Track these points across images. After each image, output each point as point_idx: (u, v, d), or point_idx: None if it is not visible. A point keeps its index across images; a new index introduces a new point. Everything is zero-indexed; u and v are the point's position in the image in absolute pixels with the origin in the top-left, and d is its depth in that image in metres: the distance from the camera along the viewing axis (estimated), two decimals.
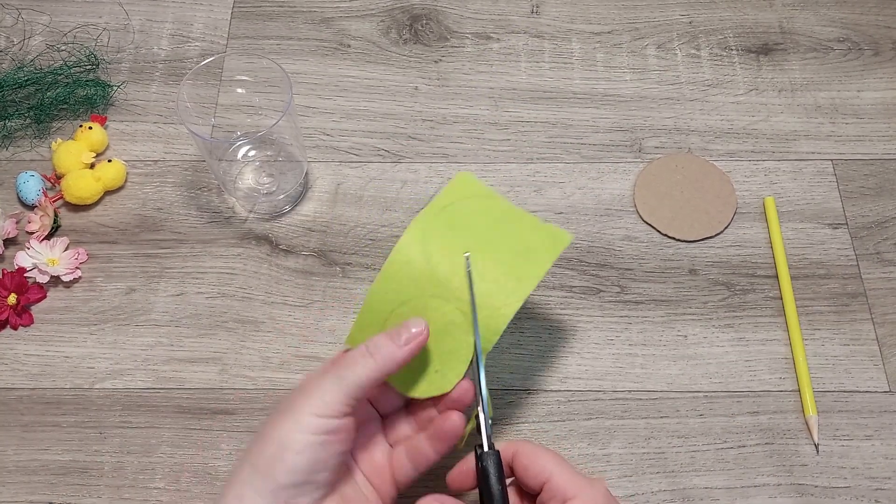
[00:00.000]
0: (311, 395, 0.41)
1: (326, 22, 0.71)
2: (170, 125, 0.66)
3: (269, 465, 0.39)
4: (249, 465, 0.40)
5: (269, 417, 0.42)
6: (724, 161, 0.64)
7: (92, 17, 0.72)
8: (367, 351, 0.42)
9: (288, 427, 0.40)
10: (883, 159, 0.64)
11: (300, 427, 0.40)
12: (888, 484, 0.51)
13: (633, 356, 0.56)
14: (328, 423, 0.41)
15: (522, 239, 0.48)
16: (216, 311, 0.58)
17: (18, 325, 0.58)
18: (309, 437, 0.40)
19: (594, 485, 0.41)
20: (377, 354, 0.42)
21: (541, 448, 0.42)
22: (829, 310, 0.58)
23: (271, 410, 0.43)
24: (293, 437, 0.40)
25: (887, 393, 0.55)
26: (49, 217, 0.60)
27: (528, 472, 0.42)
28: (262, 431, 0.41)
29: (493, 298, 0.45)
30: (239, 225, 0.62)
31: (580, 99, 0.67)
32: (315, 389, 0.41)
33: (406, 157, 0.65)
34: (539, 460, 0.42)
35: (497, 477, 0.42)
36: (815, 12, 0.71)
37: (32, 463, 0.53)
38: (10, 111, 0.66)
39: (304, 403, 0.41)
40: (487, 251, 0.46)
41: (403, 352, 0.42)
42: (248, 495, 0.39)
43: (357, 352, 0.43)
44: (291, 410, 0.41)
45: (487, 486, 0.42)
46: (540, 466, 0.41)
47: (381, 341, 0.43)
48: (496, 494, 0.41)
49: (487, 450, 0.42)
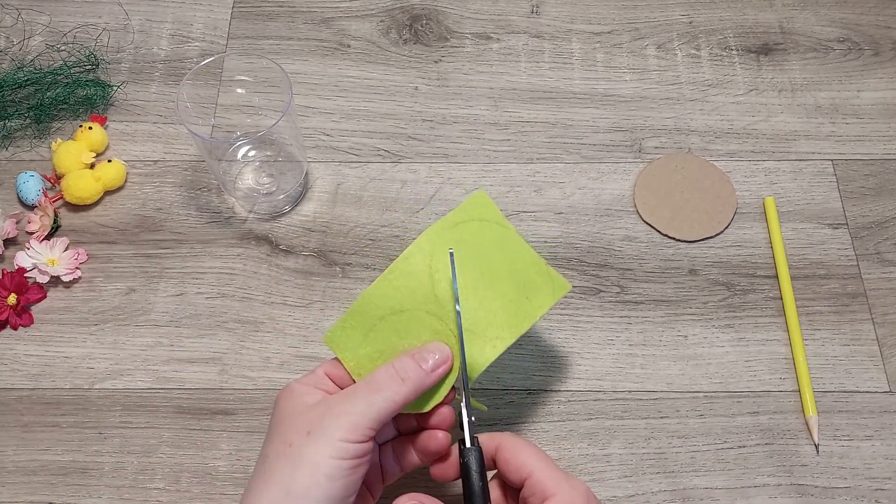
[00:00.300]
0: (341, 419, 0.40)
1: (326, 22, 0.71)
2: (170, 125, 0.66)
3: (306, 491, 0.38)
4: (281, 489, 0.39)
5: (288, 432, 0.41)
6: (724, 161, 0.64)
7: (92, 17, 0.72)
8: (398, 375, 0.42)
9: (320, 452, 0.39)
10: (883, 159, 0.64)
11: (335, 452, 0.39)
12: (888, 484, 0.51)
13: (633, 356, 0.56)
14: (359, 448, 0.40)
15: (527, 277, 0.47)
16: (216, 312, 0.58)
17: (18, 326, 0.58)
18: (343, 463, 0.39)
19: (574, 484, 0.41)
20: (407, 380, 0.42)
21: (523, 442, 0.42)
22: (829, 310, 0.58)
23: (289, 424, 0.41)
24: (328, 463, 0.39)
25: (887, 393, 0.55)
26: (49, 217, 0.60)
27: (509, 467, 0.42)
28: (287, 451, 0.40)
29: (487, 328, 0.45)
30: (239, 225, 0.62)
31: (580, 99, 0.67)
32: (343, 412, 0.40)
33: (406, 158, 0.65)
34: (521, 455, 0.41)
35: (479, 473, 0.42)
36: (815, 12, 0.71)
37: (32, 463, 0.53)
38: (10, 111, 0.66)
39: (334, 426, 0.40)
40: (491, 279, 0.46)
41: (431, 378, 0.43)
42: None
43: (386, 375, 0.42)
44: (321, 432, 0.40)
45: (469, 482, 0.42)
46: (521, 461, 0.41)
47: (410, 366, 0.42)
48: (476, 491, 0.41)
49: (469, 446, 0.42)
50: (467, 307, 0.45)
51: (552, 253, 0.60)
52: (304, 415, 0.41)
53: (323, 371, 0.45)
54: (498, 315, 0.45)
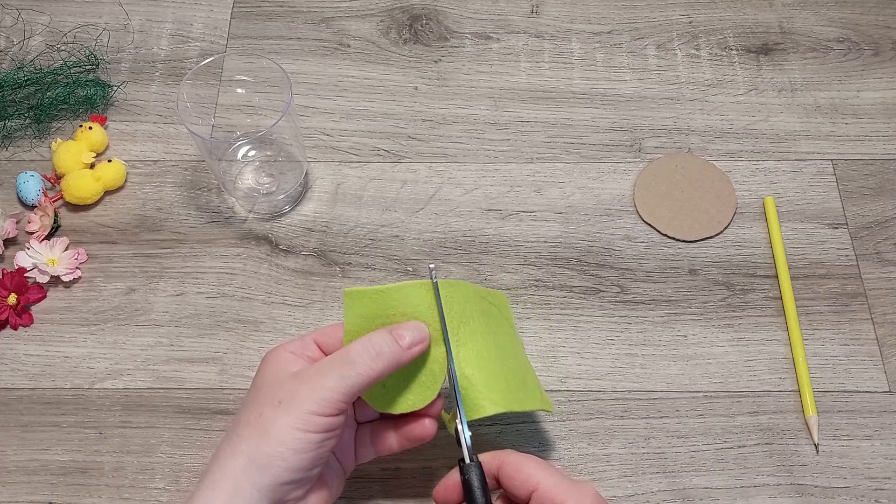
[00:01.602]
0: (312, 391, 0.40)
1: (326, 22, 0.71)
2: (170, 125, 0.66)
3: (269, 461, 0.39)
4: (247, 458, 0.39)
5: (261, 400, 0.41)
6: (724, 161, 0.64)
7: (92, 17, 0.72)
8: (373, 349, 0.41)
9: (289, 423, 0.39)
10: (883, 159, 0.64)
11: (302, 425, 0.39)
12: (888, 484, 0.51)
13: (633, 356, 0.56)
14: (328, 421, 0.40)
15: (526, 375, 0.48)
16: (216, 311, 0.58)
17: (18, 325, 0.58)
18: (310, 437, 0.40)
19: (583, 488, 0.40)
20: (382, 355, 0.41)
21: (525, 456, 0.42)
22: (828, 310, 0.58)
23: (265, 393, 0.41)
24: (295, 436, 0.39)
25: (887, 393, 0.55)
26: (49, 217, 0.60)
27: (514, 482, 0.41)
28: (257, 421, 0.40)
29: (482, 388, 0.44)
30: (239, 225, 0.62)
31: (580, 99, 0.67)
32: (316, 385, 0.40)
33: (406, 157, 0.65)
34: (525, 469, 0.41)
35: (481, 489, 0.41)
36: (815, 12, 0.71)
37: (32, 463, 0.53)
38: (10, 111, 0.66)
39: (304, 398, 0.40)
40: (504, 354, 0.47)
41: (407, 355, 0.42)
42: (246, 488, 0.39)
43: (360, 348, 0.41)
44: (291, 404, 0.40)
45: (472, 498, 0.41)
46: (526, 475, 0.41)
47: (386, 340, 0.42)
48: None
49: (469, 462, 0.42)
50: (475, 362, 0.45)
51: (552, 253, 0.60)
52: (279, 384, 0.41)
53: (311, 338, 0.45)
54: (500, 382, 0.45)
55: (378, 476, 0.52)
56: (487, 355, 0.45)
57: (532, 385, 0.49)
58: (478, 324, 0.46)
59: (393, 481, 0.52)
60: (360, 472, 0.51)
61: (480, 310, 0.47)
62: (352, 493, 0.51)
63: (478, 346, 0.45)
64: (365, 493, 0.51)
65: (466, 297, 0.47)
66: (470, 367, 0.44)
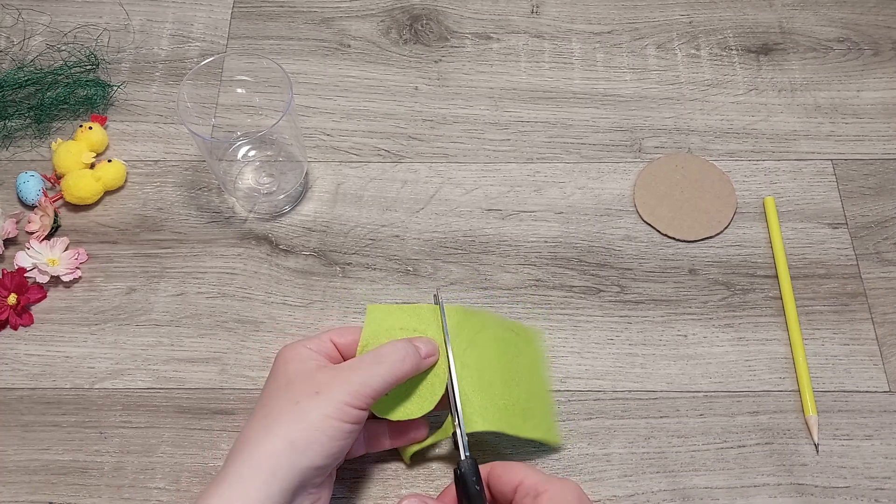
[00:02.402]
0: (347, 383, 0.43)
1: (326, 22, 0.71)
2: (170, 125, 0.66)
3: (308, 445, 0.41)
4: (286, 440, 0.41)
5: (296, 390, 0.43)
6: (724, 161, 0.64)
7: (92, 17, 0.72)
8: (399, 353, 0.45)
9: (326, 412, 0.42)
10: (883, 159, 0.64)
11: (338, 414, 0.42)
12: (888, 484, 0.51)
13: (633, 356, 0.56)
14: (358, 413, 0.43)
15: (531, 405, 0.52)
16: (216, 311, 0.58)
17: (18, 325, 0.58)
18: (344, 426, 0.42)
19: (565, 482, 0.43)
20: (407, 359, 0.45)
21: (512, 462, 0.46)
22: (828, 310, 0.58)
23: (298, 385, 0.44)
24: (331, 424, 0.42)
25: (887, 393, 0.55)
26: (49, 217, 0.60)
27: (501, 480, 0.44)
28: (293, 408, 0.42)
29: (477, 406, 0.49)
30: (239, 225, 0.62)
31: (580, 99, 0.67)
32: (350, 379, 0.43)
33: (406, 157, 0.65)
34: (512, 469, 0.45)
35: (474, 479, 0.45)
36: (815, 12, 0.72)
37: (33, 463, 0.53)
38: (10, 111, 0.66)
39: (340, 390, 0.42)
40: (508, 382, 0.51)
41: (425, 364, 0.47)
42: (284, 468, 0.40)
43: (389, 351, 0.45)
44: (328, 394, 0.42)
45: (466, 489, 0.45)
46: (512, 473, 0.44)
47: (409, 348, 0.46)
48: (473, 493, 0.44)
49: (464, 457, 0.46)
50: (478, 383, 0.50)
51: (552, 253, 0.60)
52: (314, 377, 0.44)
53: (329, 337, 0.47)
54: (497, 405, 0.50)
55: (379, 477, 0.52)
56: (489, 380, 0.50)
57: (538, 415, 0.52)
58: (488, 350, 0.51)
59: (392, 481, 0.52)
60: (360, 472, 0.52)
61: (496, 338, 0.53)
62: (352, 494, 0.51)
63: (482, 369, 0.50)
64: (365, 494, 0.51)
65: (482, 326, 0.52)
66: (470, 386, 0.49)
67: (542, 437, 0.52)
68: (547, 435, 0.52)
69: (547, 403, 0.54)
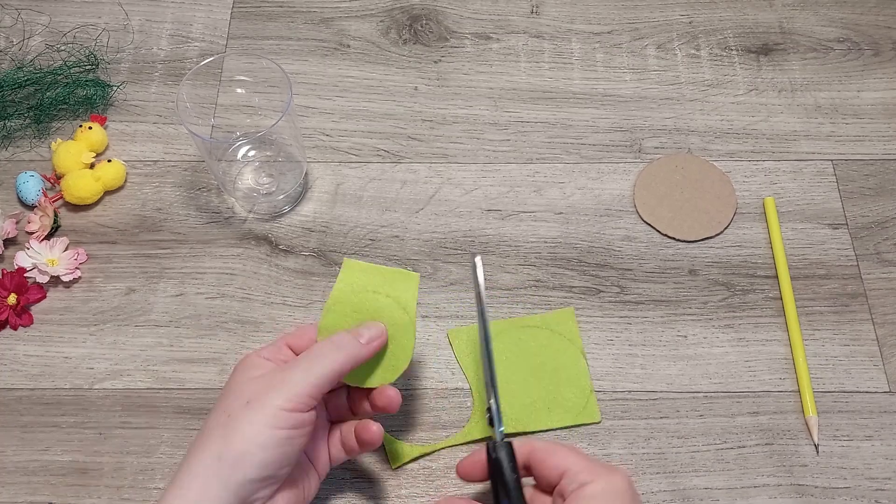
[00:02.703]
0: (280, 388, 0.41)
1: (326, 22, 0.71)
2: (169, 125, 0.66)
3: (237, 459, 0.39)
4: (214, 457, 0.40)
5: (230, 402, 0.42)
6: (724, 161, 0.64)
7: (92, 17, 0.72)
8: (333, 345, 0.43)
9: (257, 420, 0.40)
10: (883, 159, 0.64)
11: (270, 421, 0.40)
12: (888, 484, 0.51)
13: (633, 356, 0.56)
14: (296, 417, 0.41)
15: (560, 392, 0.54)
16: (216, 312, 0.58)
17: (18, 326, 0.58)
18: (278, 433, 0.40)
19: (613, 473, 0.40)
20: (342, 349, 0.43)
21: (557, 443, 0.43)
22: (829, 310, 0.58)
23: (232, 395, 0.42)
24: (262, 432, 0.40)
25: (887, 393, 0.55)
26: (49, 217, 0.60)
27: (545, 465, 0.42)
28: (225, 421, 0.41)
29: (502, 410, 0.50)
30: (238, 225, 0.62)
31: (580, 99, 0.67)
32: (283, 382, 0.41)
33: (406, 158, 0.65)
34: (557, 453, 0.42)
35: (510, 467, 0.42)
36: (815, 12, 0.71)
37: (32, 463, 0.53)
38: (10, 111, 0.66)
39: (272, 395, 0.41)
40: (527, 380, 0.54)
41: (367, 350, 0.45)
42: (215, 487, 0.39)
43: (323, 345, 0.44)
44: (259, 402, 0.41)
45: (501, 476, 0.42)
46: (558, 458, 0.41)
47: (346, 338, 0.44)
48: (510, 483, 0.42)
49: (500, 441, 0.43)
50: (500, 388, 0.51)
51: (552, 253, 0.60)
52: (249, 386, 0.42)
53: (284, 342, 0.46)
54: (514, 407, 0.53)
55: (378, 478, 0.52)
56: (507, 385, 0.54)
57: (568, 400, 0.54)
58: (502, 357, 0.55)
59: (392, 481, 0.52)
60: (360, 472, 0.52)
61: (512, 341, 0.56)
62: (355, 493, 0.51)
63: (499, 378, 0.52)
64: (366, 494, 0.51)
65: (495, 334, 0.55)
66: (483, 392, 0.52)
67: (573, 421, 0.53)
68: (579, 417, 0.53)
69: (578, 384, 0.54)
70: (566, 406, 0.54)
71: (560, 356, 0.55)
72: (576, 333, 0.56)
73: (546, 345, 0.56)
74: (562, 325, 0.57)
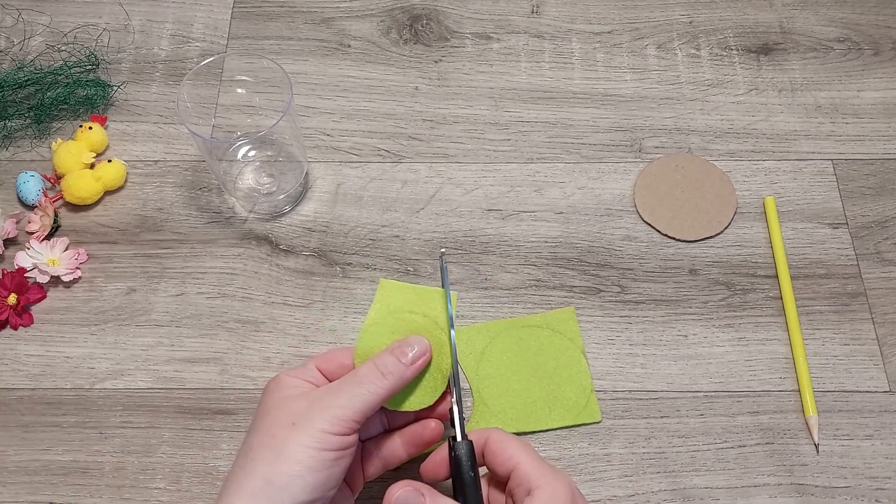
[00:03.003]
0: (325, 411, 0.41)
1: (326, 22, 0.71)
2: (170, 125, 0.66)
3: (287, 481, 0.39)
4: (263, 479, 0.39)
5: (272, 422, 0.41)
6: (724, 161, 0.64)
7: (92, 17, 0.72)
8: (378, 370, 0.43)
9: (304, 442, 0.40)
10: (883, 159, 0.64)
11: (317, 443, 0.40)
12: (888, 484, 0.51)
13: (634, 356, 0.56)
14: (342, 440, 0.41)
15: (561, 392, 0.54)
16: (216, 312, 0.58)
17: (18, 326, 0.58)
18: (325, 455, 0.40)
19: (559, 477, 0.41)
20: (388, 374, 0.43)
21: (510, 436, 0.43)
22: (829, 310, 0.58)
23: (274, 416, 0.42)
24: (311, 455, 0.40)
25: (887, 393, 0.55)
26: (49, 217, 0.60)
27: (496, 459, 0.42)
28: (270, 442, 0.41)
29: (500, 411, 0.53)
30: (239, 225, 0.62)
31: (580, 99, 0.67)
32: (328, 405, 0.41)
33: (406, 157, 0.65)
34: (508, 448, 0.42)
35: (469, 465, 0.43)
36: (815, 12, 0.72)
37: (33, 463, 0.53)
38: (10, 111, 0.66)
39: (317, 418, 0.41)
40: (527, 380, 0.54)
41: (411, 371, 0.44)
42: None
43: (368, 370, 0.43)
44: (305, 424, 0.41)
45: (460, 474, 0.43)
46: (508, 454, 0.42)
47: (390, 360, 0.44)
48: (468, 481, 0.43)
49: (460, 439, 0.44)
50: (496, 389, 0.54)
51: (552, 253, 0.60)
52: (290, 407, 0.42)
53: (314, 365, 0.46)
54: (515, 407, 0.54)
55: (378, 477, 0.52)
56: (506, 385, 0.54)
57: (569, 399, 0.54)
58: (502, 357, 0.55)
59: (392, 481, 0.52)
60: None
61: (512, 340, 0.56)
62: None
63: (496, 377, 0.54)
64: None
65: (493, 336, 0.56)
66: (488, 394, 0.53)
67: (574, 420, 0.53)
68: (579, 417, 0.53)
69: (579, 384, 0.54)
70: (567, 405, 0.54)
71: (561, 356, 0.55)
72: (576, 333, 0.56)
73: (547, 344, 0.56)
74: (562, 324, 0.57)
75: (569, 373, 0.55)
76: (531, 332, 0.56)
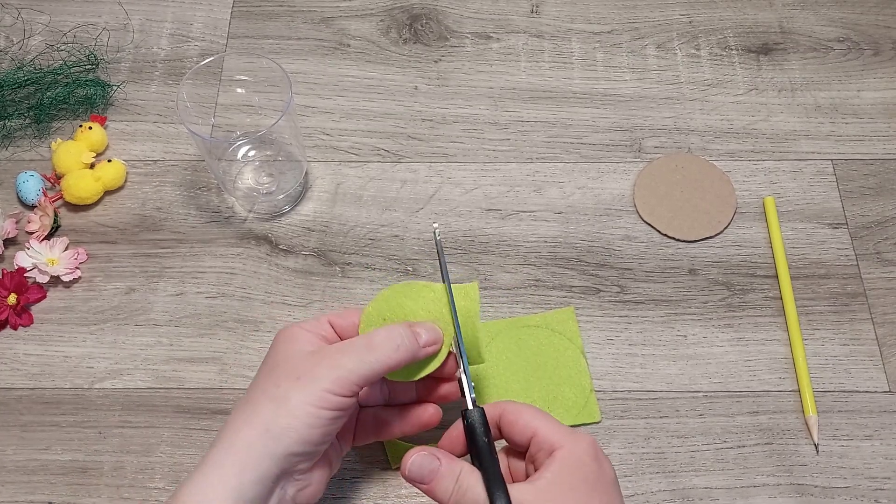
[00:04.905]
0: (331, 370, 0.42)
1: (326, 22, 0.71)
2: (169, 125, 0.66)
3: (283, 432, 0.40)
4: (263, 427, 0.41)
5: (280, 373, 0.42)
6: (724, 161, 0.64)
7: (92, 16, 0.72)
8: (394, 341, 0.43)
9: (305, 399, 0.41)
10: (883, 159, 0.64)
11: (317, 401, 0.41)
12: (888, 484, 0.51)
13: (633, 356, 0.56)
14: (342, 401, 0.42)
15: (560, 391, 0.54)
16: (216, 311, 0.58)
17: (18, 325, 0.58)
18: (323, 413, 0.41)
19: (580, 435, 0.41)
20: (401, 348, 0.43)
21: (525, 405, 0.43)
22: (828, 310, 0.58)
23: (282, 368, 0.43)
24: (310, 412, 0.41)
25: (887, 393, 0.55)
26: (49, 217, 0.60)
27: (514, 428, 0.42)
28: (274, 392, 0.42)
29: None
30: (239, 225, 0.62)
31: (580, 99, 0.67)
32: (335, 365, 0.42)
33: (406, 157, 0.65)
34: (525, 416, 0.42)
35: (482, 430, 0.42)
36: (815, 12, 0.71)
37: (32, 463, 0.53)
38: (10, 111, 0.66)
39: (322, 376, 0.41)
40: (527, 380, 0.55)
41: (422, 353, 0.45)
42: (259, 454, 0.40)
43: (383, 338, 0.43)
44: (309, 380, 0.41)
45: (474, 440, 0.42)
46: (525, 421, 0.42)
47: (407, 335, 0.44)
48: (482, 445, 0.42)
49: (471, 407, 0.43)
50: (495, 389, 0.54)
51: (552, 253, 0.60)
52: (298, 360, 0.43)
53: (327, 318, 0.46)
54: None
55: (378, 478, 0.52)
56: (505, 385, 0.54)
57: (568, 399, 0.54)
58: (501, 357, 0.55)
59: (392, 481, 0.52)
60: (360, 472, 0.52)
61: (511, 340, 0.56)
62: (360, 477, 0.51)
63: (496, 377, 0.55)
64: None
65: (492, 336, 0.56)
66: (489, 394, 0.54)
67: (573, 420, 0.53)
68: (579, 417, 0.53)
69: (578, 384, 0.55)
70: (566, 405, 0.54)
71: (560, 355, 0.55)
72: (576, 333, 0.56)
73: (546, 344, 0.56)
74: (562, 324, 0.57)
75: (568, 373, 0.55)
76: (530, 332, 0.56)
